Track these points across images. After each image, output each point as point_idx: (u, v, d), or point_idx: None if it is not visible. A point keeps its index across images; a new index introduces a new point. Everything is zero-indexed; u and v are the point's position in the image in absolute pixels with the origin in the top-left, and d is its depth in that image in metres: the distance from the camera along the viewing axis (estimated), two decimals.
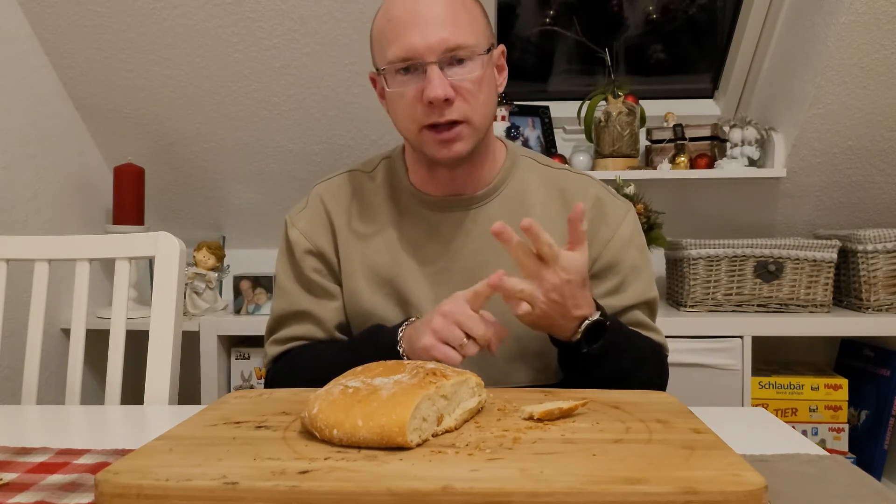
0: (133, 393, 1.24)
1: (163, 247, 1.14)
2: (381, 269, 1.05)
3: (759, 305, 1.94)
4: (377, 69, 1.01)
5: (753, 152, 2.08)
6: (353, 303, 1.06)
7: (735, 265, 1.94)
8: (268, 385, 1.08)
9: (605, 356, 0.92)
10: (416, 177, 1.06)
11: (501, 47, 1.03)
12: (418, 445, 0.65)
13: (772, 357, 2.13)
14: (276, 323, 1.09)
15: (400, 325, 0.98)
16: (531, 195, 1.06)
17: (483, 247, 1.03)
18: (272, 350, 1.08)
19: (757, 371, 1.91)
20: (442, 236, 1.05)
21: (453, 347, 0.87)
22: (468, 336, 0.87)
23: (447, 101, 0.93)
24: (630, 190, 1.96)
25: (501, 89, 1.04)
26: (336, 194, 1.09)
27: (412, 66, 0.94)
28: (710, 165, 2.09)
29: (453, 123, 0.95)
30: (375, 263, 1.05)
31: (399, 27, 0.94)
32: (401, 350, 0.93)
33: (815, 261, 1.92)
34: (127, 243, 1.16)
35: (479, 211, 1.05)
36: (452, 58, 0.94)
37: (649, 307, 1.07)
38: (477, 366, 0.99)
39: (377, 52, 1.00)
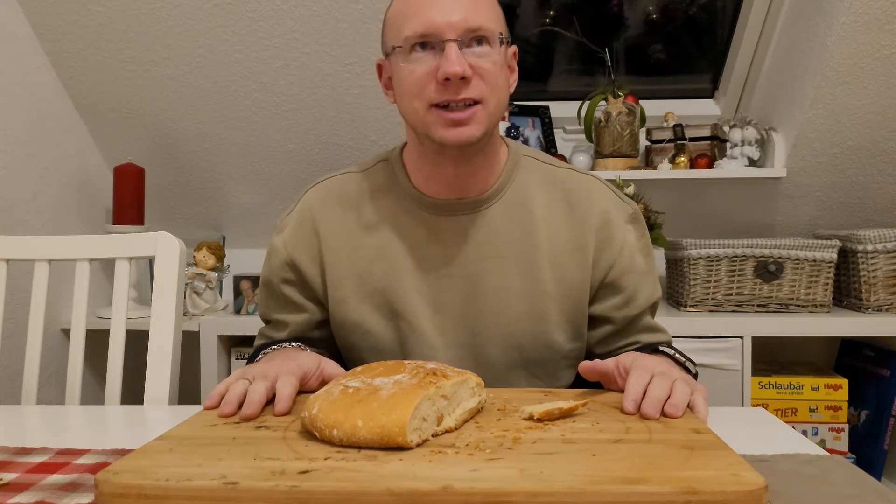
0: (133, 393, 1.24)
1: (163, 247, 1.14)
2: (373, 277, 1.02)
3: (759, 305, 1.94)
4: (387, 53, 0.98)
5: (753, 152, 2.08)
6: (340, 313, 1.04)
7: (735, 265, 1.94)
8: None
9: None
10: (419, 177, 1.02)
11: (514, 48, 1.01)
12: (418, 445, 0.65)
13: (772, 357, 2.13)
14: (261, 319, 1.13)
15: (276, 345, 1.02)
16: (534, 198, 1.03)
17: (483, 253, 1.01)
18: (255, 342, 1.14)
19: (757, 371, 1.91)
20: (442, 241, 1.01)
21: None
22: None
23: (464, 80, 0.89)
24: (630, 190, 1.96)
25: (512, 90, 1.00)
26: (327, 199, 1.06)
27: (429, 44, 0.91)
28: (710, 165, 2.09)
29: (468, 105, 0.91)
30: (366, 272, 1.02)
31: (420, 5, 0.91)
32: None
33: (815, 261, 1.92)
34: (127, 243, 1.16)
35: (480, 215, 1.01)
36: (472, 38, 0.91)
37: (654, 307, 1.07)
38: (477, 374, 1.00)
39: (391, 33, 0.96)
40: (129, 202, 2.07)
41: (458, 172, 0.99)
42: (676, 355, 0.97)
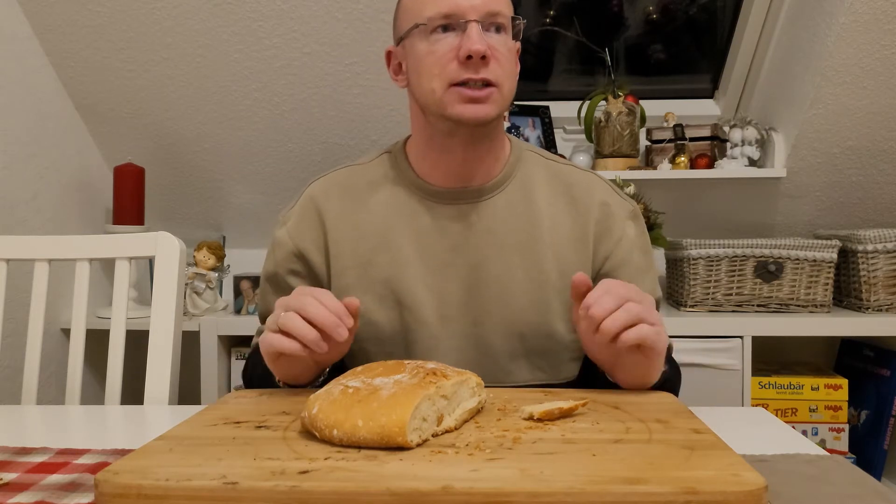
0: (133, 393, 1.24)
1: (163, 247, 1.14)
2: (377, 267, 1.03)
3: (759, 305, 1.94)
4: (400, 38, 0.99)
5: (753, 152, 2.08)
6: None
7: (735, 265, 1.94)
8: (244, 376, 1.08)
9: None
10: (424, 166, 1.04)
11: (518, 44, 1.03)
12: (418, 445, 0.65)
13: (772, 357, 2.13)
14: (260, 318, 1.11)
15: None
16: (536, 190, 1.04)
17: (486, 242, 1.02)
18: (253, 342, 1.12)
19: (757, 371, 1.91)
20: (445, 229, 1.02)
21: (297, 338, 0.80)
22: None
23: (483, 60, 0.92)
24: (630, 190, 1.96)
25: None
26: (330, 190, 1.07)
27: (451, 26, 0.94)
28: (710, 165, 2.09)
29: (485, 86, 0.94)
30: (370, 262, 1.03)
31: None
32: None
33: (815, 261, 1.92)
34: (127, 243, 1.16)
35: (484, 204, 1.03)
36: (491, 23, 0.95)
37: (655, 306, 1.07)
38: (479, 364, 1.00)
39: (408, 15, 0.98)
40: (129, 202, 2.07)
41: (466, 158, 1.01)
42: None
